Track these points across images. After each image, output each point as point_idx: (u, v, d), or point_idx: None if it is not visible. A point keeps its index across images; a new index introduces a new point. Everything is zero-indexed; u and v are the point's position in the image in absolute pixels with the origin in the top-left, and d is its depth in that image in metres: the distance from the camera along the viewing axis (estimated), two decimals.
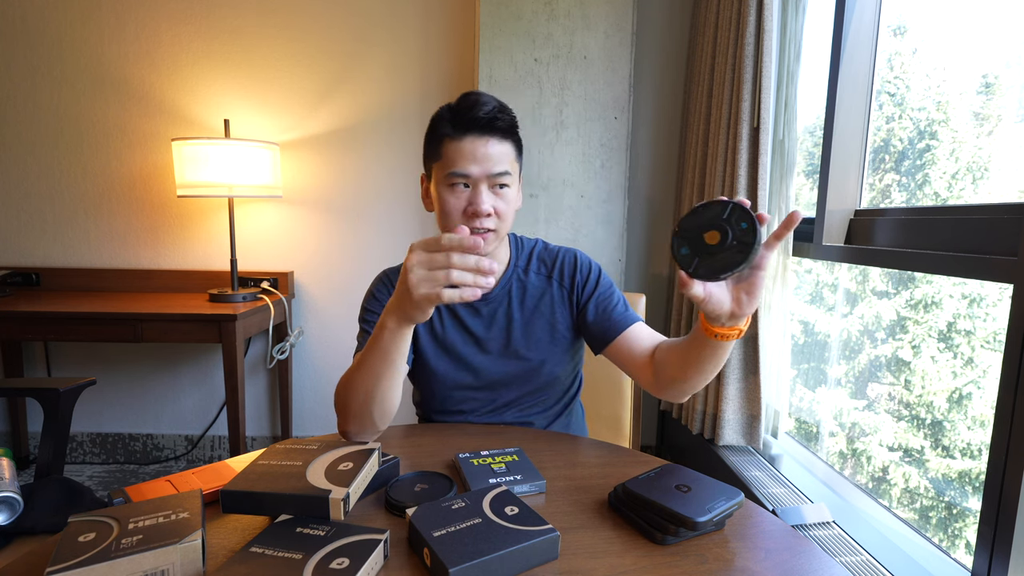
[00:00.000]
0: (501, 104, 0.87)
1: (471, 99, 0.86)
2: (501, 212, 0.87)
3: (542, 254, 1.00)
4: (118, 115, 2.03)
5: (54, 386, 1.13)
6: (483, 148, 0.84)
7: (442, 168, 0.87)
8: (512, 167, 0.88)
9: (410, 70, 2.04)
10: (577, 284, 0.96)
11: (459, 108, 0.86)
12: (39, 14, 1.97)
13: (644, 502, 0.61)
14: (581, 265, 0.98)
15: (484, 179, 0.85)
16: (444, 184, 0.87)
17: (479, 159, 0.84)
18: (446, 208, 0.87)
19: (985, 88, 1.09)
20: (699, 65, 1.71)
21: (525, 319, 0.95)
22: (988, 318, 1.09)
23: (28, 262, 2.09)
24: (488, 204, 0.85)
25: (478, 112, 0.84)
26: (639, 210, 2.05)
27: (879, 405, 1.32)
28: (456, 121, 0.86)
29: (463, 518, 0.56)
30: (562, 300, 0.96)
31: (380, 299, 0.93)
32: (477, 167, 0.84)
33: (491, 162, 0.85)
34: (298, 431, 2.23)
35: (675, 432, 1.92)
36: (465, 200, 0.86)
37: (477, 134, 0.85)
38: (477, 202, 0.84)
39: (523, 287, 0.96)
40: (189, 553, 0.48)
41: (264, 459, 0.62)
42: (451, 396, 0.96)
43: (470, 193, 0.86)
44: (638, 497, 0.62)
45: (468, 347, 0.95)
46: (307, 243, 2.13)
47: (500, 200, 0.87)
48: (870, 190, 1.31)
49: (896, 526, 1.09)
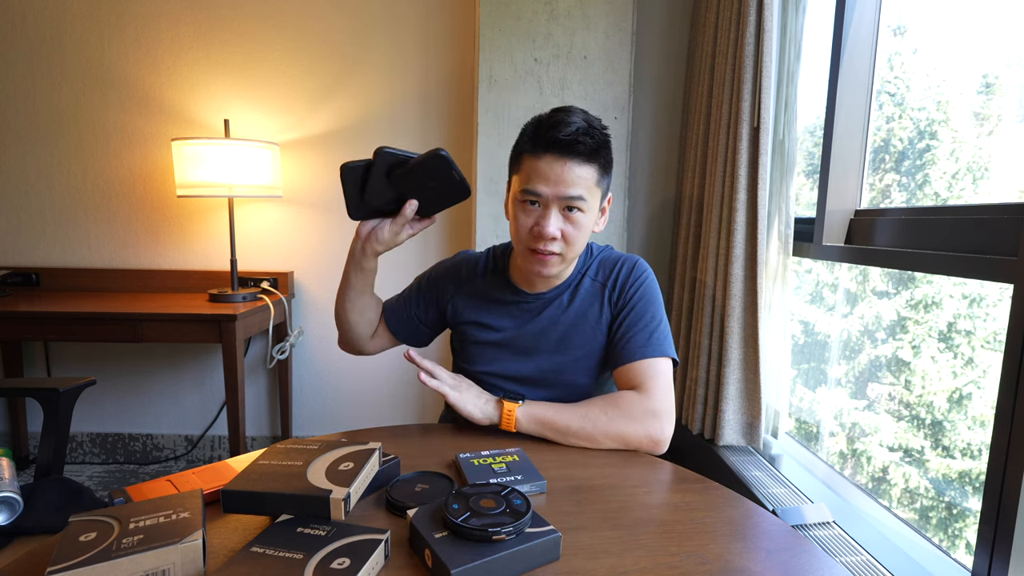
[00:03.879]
0: (588, 125, 0.83)
1: (556, 117, 0.83)
2: (569, 237, 0.85)
3: (606, 261, 0.98)
4: (118, 115, 2.03)
5: (54, 386, 1.13)
6: (559, 170, 0.82)
7: (518, 183, 0.87)
8: (589, 192, 0.84)
9: (410, 70, 2.04)
10: (620, 298, 0.94)
11: (542, 124, 0.84)
12: (39, 14, 1.97)
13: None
14: (633, 279, 0.95)
15: (555, 201, 0.83)
16: (518, 199, 0.87)
17: (552, 181, 0.82)
18: (515, 221, 0.88)
19: (985, 88, 1.09)
20: (699, 65, 1.71)
21: (567, 324, 0.95)
22: (988, 318, 1.09)
23: (28, 262, 2.08)
24: (554, 227, 0.83)
25: (558, 133, 0.81)
26: (639, 210, 2.05)
27: (879, 405, 1.32)
28: (537, 138, 0.84)
29: None
30: (608, 310, 0.95)
31: (432, 280, 1.04)
32: (549, 189, 0.82)
33: (564, 185, 0.82)
34: (298, 431, 2.23)
35: (675, 432, 1.92)
36: (534, 219, 0.85)
37: (556, 155, 0.82)
38: (543, 224, 0.83)
39: (575, 293, 0.96)
40: (190, 553, 0.48)
41: (264, 459, 0.62)
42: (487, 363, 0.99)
43: (539, 213, 0.85)
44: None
45: (498, 338, 0.97)
46: (307, 243, 2.13)
47: (569, 224, 0.85)
48: (870, 190, 1.31)
49: (896, 526, 1.09)
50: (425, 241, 2.13)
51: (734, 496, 0.71)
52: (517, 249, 0.92)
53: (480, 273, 1.01)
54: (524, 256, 0.89)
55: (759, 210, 1.35)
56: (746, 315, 1.40)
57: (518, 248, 0.91)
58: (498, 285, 0.99)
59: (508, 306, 0.97)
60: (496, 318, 0.97)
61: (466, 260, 1.04)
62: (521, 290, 0.97)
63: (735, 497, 0.71)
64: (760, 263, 1.36)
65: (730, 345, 1.41)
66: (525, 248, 0.88)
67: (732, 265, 1.40)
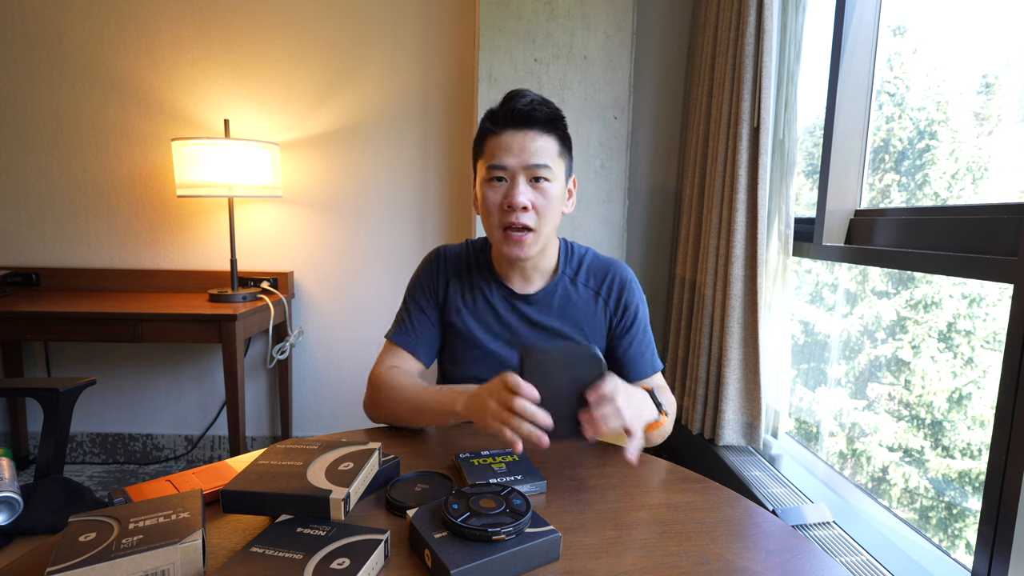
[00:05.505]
0: (543, 98, 0.86)
1: (510, 94, 0.86)
2: (540, 208, 0.85)
3: (593, 265, 0.97)
4: (118, 115, 2.03)
5: (54, 386, 1.13)
6: (521, 139, 0.83)
7: (484, 165, 0.87)
8: (554, 162, 0.86)
9: (410, 70, 2.04)
10: (621, 310, 0.95)
11: (501, 103, 0.86)
12: (39, 14, 1.97)
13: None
14: (630, 291, 0.96)
15: (521, 171, 0.84)
16: (484, 179, 0.87)
17: (516, 151, 0.83)
18: (484, 203, 0.87)
19: (985, 88, 1.09)
20: (699, 65, 1.71)
21: (558, 329, 0.94)
22: (988, 318, 1.09)
23: (28, 262, 2.08)
24: (524, 197, 0.83)
25: (515, 104, 0.83)
26: (639, 210, 2.05)
27: (879, 405, 1.32)
28: (495, 117, 0.86)
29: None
30: (604, 321, 0.95)
31: (423, 283, 0.97)
32: (514, 159, 0.83)
33: (528, 154, 0.83)
34: (298, 431, 2.23)
35: (675, 432, 1.92)
36: (502, 194, 0.85)
37: (516, 127, 0.84)
38: (513, 194, 0.83)
39: (568, 297, 0.95)
40: (189, 553, 0.48)
41: (264, 459, 0.62)
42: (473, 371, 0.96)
43: (507, 187, 0.85)
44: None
45: (496, 339, 0.95)
46: (307, 243, 2.13)
47: (539, 195, 0.85)
48: (870, 190, 1.31)
49: (896, 526, 1.09)
50: (424, 244, 2.13)
51: (734, 496, 0.71)
52: (492, 236, 0.90)
53: (465, 268, 0.98)
54: (499, 240, 0.87)
55: (759, 210, 1.35)
56: (746, 315, 1.41)
57: (492, 234, 0.89)
58: (486, 282, 0.97)
59: (498, 306, 0.95)
60: (487, 318, 0.95)
61: (448, 256, 0.99)
62: (511, 289, 0.95)
63: (735, 497, 0.71)
64: (760, 263, 1.36)
65: (730, 345, 1.41)
66: (499, 229, 0.86)
67: (732, 265, 1.40)
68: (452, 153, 2.08)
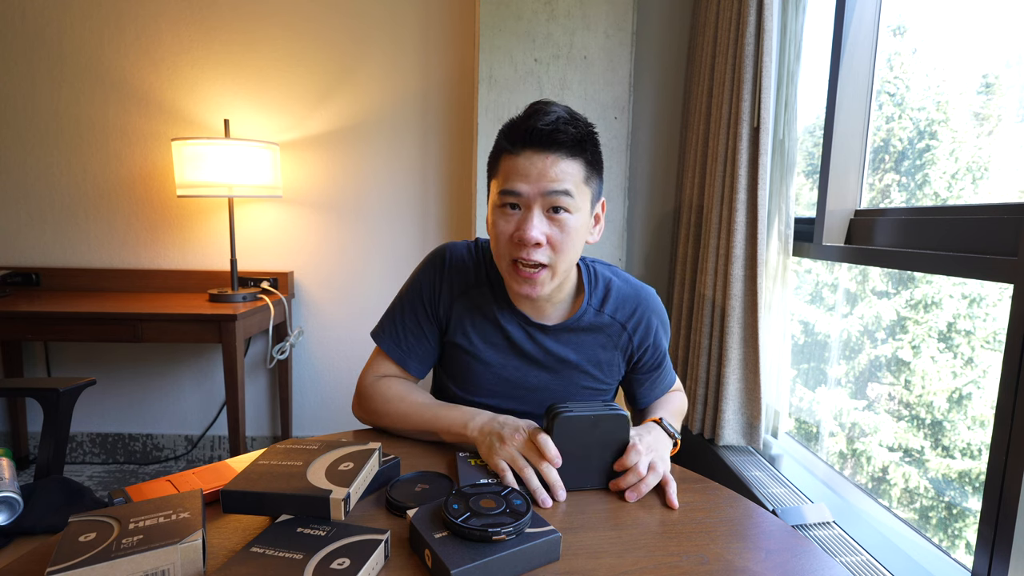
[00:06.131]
0: (570, 115, 0.74)
1: (534, 108, 0.74)
2: (556, 243, 0.74)
3: (620, 294, 0.87)
4: (118, 115, 2.03)
5: (54, 386, 1.13)
6: (540, 164, 0.72)
7: (496, 187, 0.77)
8: (578, 189, 0.74)
9: (410, 70, 2.04)
10: (645, 348, 0.89)
11: (520, 118, 0.75)
12: (39, 14, 1.97)
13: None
14: (658, 334, 0.89)
15: (538, 199, 0.73)
16: (496, 204, 0.76)
17: (533, 177, 0.72)
18: (494, 231, 0.77)
19: (985, 88, 1.09)
20: (699, 65, 1.71)
21: (579, 366, 0.87)
22: (988, 318, 1.09)
23: (28, 262, 2.08)
24: (538, 231, 0.72)
25: (537, 123, 0.72)
26: (639, 210, 2.05)
27: (879, 405, 1.32)
28: (514, 134, 0.74)
29: None
30: (626, 353, 0.89)
31: (424, 293, 0.88)
32: (529, 186, 0.72)
33: (546, 180, 0.72)
34: (298, 431, 2.23)
35: None
36: (515, 224, 0.74)
37: (536, 148, 0.72)
38: (525, 227, 0.72)
39: (590, 329, 0.86)
40: (189, 553, 0.48)
41: (264, 459, 0.62)
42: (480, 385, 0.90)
43: (520, 216, 0.74)
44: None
45: (509, 365, 0.88)
46: (307, 243, 2.13)
47: (557, 228, 0.74)
48: (870, 190, 1.31)
49: (896, 526, 1.09)
50: (424, 244, 2.13)
51: (734, 496, 0.71)
52: (501, 267, 0.80)
53: (475, 284, 0.87)
54: (508, 273, 0.78)
55: (759, 210, 1.35)
56: (746, 315, 1.41)
57: (501, 265, 0.79)
58: (497, 305, 0.86)
59: (513, 334, 0.86)
60: (498, 341, 0.86)
61: (454, 265, 0.88)
62: (526, 316, 0.85)
63: (735, 497, 0.71)
64: (760, 263, 1.36)
65: (730, 345, 1.41)
66: (508, 263, 0.77)
67: (732, 265, 1.40)
68: (452, 153, 2.08)
